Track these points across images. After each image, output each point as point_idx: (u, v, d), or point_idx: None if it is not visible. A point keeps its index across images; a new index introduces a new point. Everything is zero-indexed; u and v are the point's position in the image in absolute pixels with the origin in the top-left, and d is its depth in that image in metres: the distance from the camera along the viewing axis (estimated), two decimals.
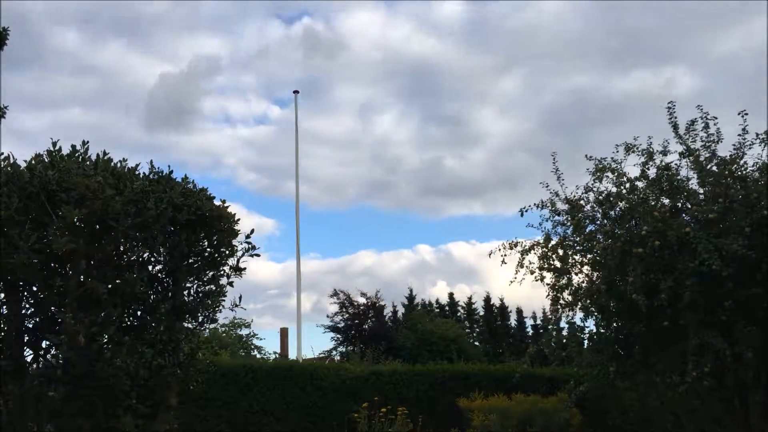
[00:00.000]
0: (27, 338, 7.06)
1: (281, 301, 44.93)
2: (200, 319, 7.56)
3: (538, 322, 31.74)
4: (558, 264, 10.62)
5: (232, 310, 7.76)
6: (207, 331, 10.52)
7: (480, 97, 49.04)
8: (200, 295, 7.50)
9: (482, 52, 45.69)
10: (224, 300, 7.61)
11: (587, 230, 10.49)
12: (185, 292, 7.40)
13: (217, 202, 7.36)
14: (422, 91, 48.82)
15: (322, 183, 48.19)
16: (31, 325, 7.11)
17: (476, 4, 48.22)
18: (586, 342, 11.35)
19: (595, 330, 11.08)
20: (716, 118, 10.00)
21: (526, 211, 10.76)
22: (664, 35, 44.24)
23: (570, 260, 10.56)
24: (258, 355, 24.61)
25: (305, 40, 45.10)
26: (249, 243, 7.61)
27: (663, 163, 10.15)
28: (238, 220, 7.53)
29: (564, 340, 11.63)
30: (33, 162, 6.93)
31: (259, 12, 50.46)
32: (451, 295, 33.19)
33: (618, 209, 10.21)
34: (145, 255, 7.15)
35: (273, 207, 54.46)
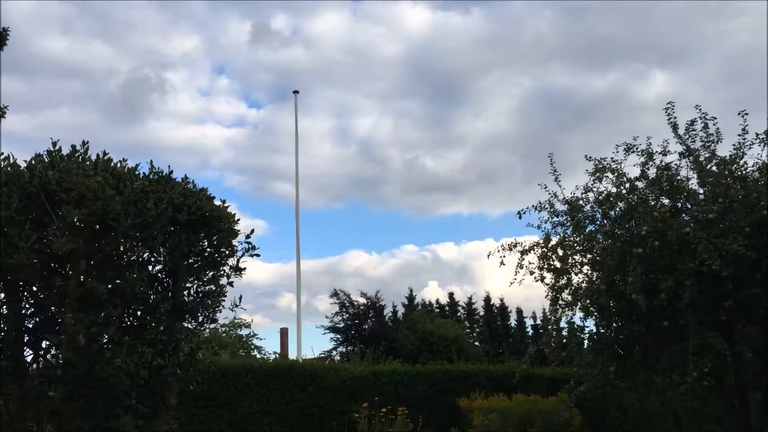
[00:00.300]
0: (27, 338, 7.06)
1: (270, 301, 45.12)
2: (200, 319, 7.55)
3: (538, 322, 31.76)
4: (558, 264, 10.62)
5: (232, 311, 7.76)
6: (207, 331, 10.52)
7: (458, 99, 49.56)
8: (200, 295, 7.49)
9: (456, 55, 46.10)
10: (224, 300, 7.61)
11: (587, 230, 10.49)
12: (185, 292, 7.39)
13: (217, 202, 7.36)
14: (401, 93, 49.19)
15: (309, 183, 48.71)
16: (31, 325, 7.11)
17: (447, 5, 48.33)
18: (586, 342, 11.34)
19: (595, 330, 11.09)
20: (715, 118, 10.01)
21: (524, 212, 10.78)
22: (636, 37, 44.80)
23: (570, 260, 10.56)
24: (258, 355, 24.64)
25: (278, 41, 45.55)
26: (249, 243, 7.62)
27: (663, 163, 10.16)
28: (238, 220, 7.53)
29: (564, 340, 11.62)
30: (33, 162, 6.93)
31: (234, 14, 50.70)
32: (451, 295, 33.24)
33: (618, 209, 10.21)
34: (145, 255, 7.15)
35: (260, 208, 54.88)
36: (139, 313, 7.23)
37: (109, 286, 6.77)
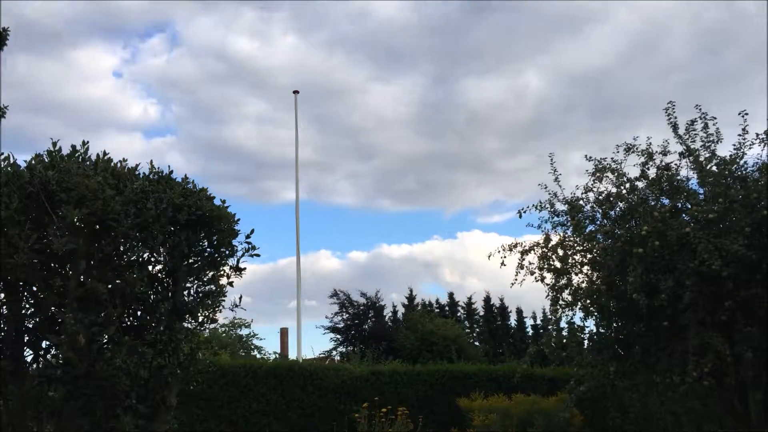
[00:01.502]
0: (27, 338, 7.06)
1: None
2: (200, 319, 7.55)
3: (538, 322, 31.76)
4: (558, 264, 10.61)
5: (232, 311, 7.77)
6: (207, 331, 10.54)
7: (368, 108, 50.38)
8: (200, 295, 7.49)
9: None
10: (224, 300, 7.61)
11: (587, 230, 10.49)
12: (185, 292, 7.39)
13: (217, 203, 7.36)
14: (316, 102, 49.59)
15: (261, 183, 49.75)
16: (31, 325, 7.11)
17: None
18: (586, 342, 11.34)
19: (595, 330, 11.09)
20: (715, 119, 10.01)
21: (524, 212, 10.79)
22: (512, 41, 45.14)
23: (570, 260, 10.56)
24: (258, 355, 24.67)
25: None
26: (249, 243, 7.62)
27: (663, 163, 10.16)
28: (238, 220, 7.54)
29: (564, 340, 11.62)
30: (33, 162, 6.93)
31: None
32: (451, 295, 33.26)
33: (618, 209, 10.21)
34: (145, 255, 7.14)
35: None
36: (139, 313, 7.23)
37: (109, 286, 6.78)
